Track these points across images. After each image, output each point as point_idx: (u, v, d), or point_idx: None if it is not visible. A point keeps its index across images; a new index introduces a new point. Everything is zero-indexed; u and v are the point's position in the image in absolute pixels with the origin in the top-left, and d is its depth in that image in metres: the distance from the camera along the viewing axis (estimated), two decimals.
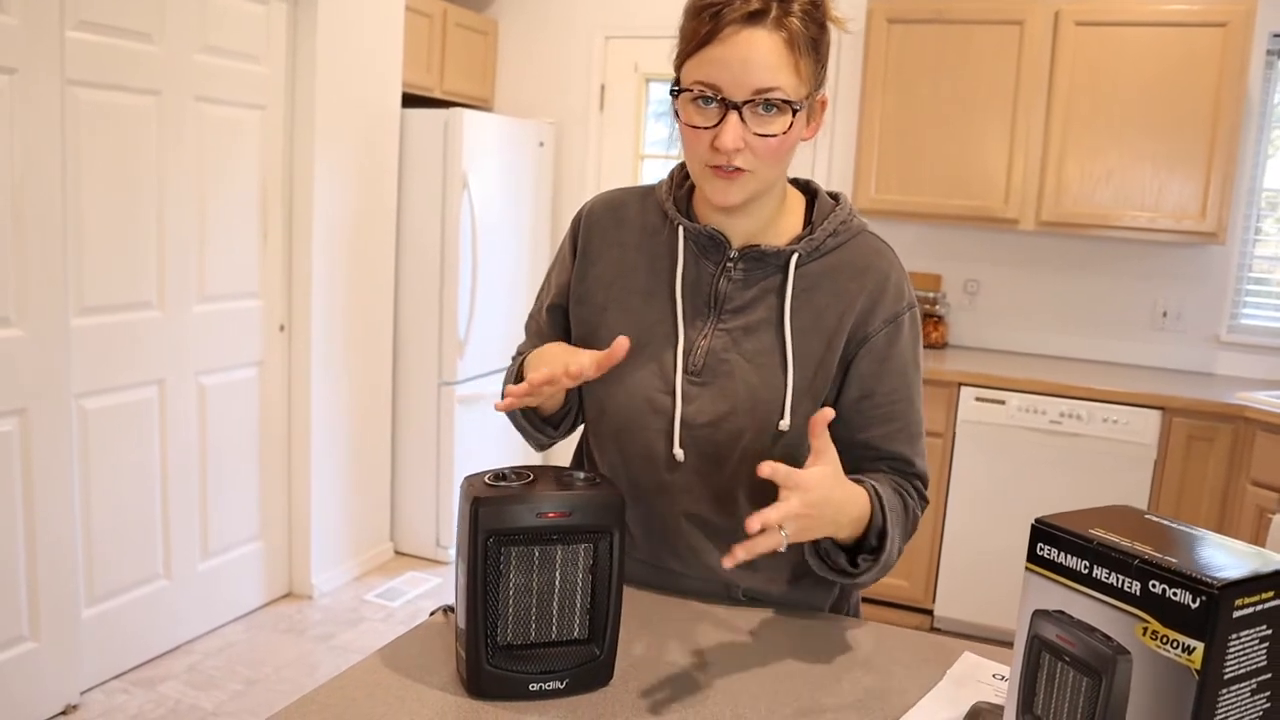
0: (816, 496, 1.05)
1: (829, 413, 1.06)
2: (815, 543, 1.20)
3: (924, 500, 1.30)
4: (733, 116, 1.12)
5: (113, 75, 2.79)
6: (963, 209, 3.79)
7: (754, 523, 0.99)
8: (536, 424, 1.33)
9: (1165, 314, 3.91)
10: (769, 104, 1.12)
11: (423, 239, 3.99)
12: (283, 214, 3.47)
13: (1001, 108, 3.70)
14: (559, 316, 1.37)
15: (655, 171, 4.66)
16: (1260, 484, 3.16)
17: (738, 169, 1.15)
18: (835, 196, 1.31)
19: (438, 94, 4.27)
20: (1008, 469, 3.53)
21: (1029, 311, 4.11)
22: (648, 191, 1.36)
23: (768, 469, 1.01)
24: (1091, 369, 3.81)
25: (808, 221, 1.29)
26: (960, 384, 3.56)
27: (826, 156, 4.27)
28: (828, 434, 1.07)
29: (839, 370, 1.24)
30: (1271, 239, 3.83)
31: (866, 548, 1.19)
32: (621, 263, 1.31)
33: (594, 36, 4.58)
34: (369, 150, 3.75)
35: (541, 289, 1.42)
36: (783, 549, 1.03)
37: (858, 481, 1.18)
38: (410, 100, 4.12)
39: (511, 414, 1.33)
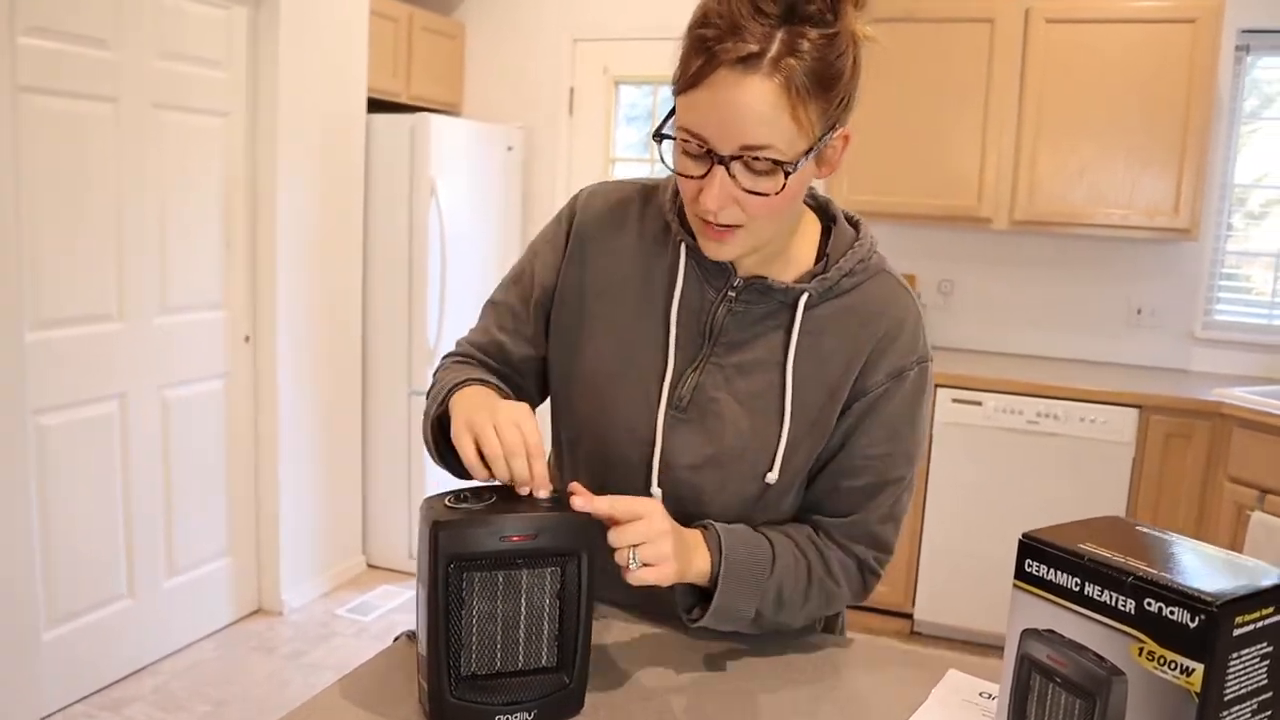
0: (654, 510, 1.03)
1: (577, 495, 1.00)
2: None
3: (870, 572, 1.20)
4: (718, 172, 1.00)
5: (67, 82, 2.71)
6: (937, 208, 3.77)
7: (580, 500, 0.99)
8: (445, 456, 1.17)
9: (1140, 311, 3.90)
10: (756, 160, 0.99)
11: (391, 246, 3.92)
12: (246, 222, 3.40)
13: (974, 106, 3.68)
14: (544, 318, 1.25)
15: (626, 175, 4.61)
16: (1238, 480, 3.15)
17: (728, 226, 1.04)
18: (854, 223, 1.19)
19: (404, 99, 4.21)
20: (986, 470, 3.51)
21: (1004, 311, 4.09)
22: (651, 192, 1.23)
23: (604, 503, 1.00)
24: (1068, 367, 3.80)
25: (822, 252, 1.17)
26: (936, 385, 3.53)
27: None
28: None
29: (836, 423, 1.15)
30: (1241, 234, 3.84)
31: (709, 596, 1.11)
32: (614, 271, 1.20)
33: (562, 39, 4.53)
34: (334, 156, 3.68)
35: (520, 271, 1.27)
36: (634, 566, 1.00)
37: (703, 528, 1.11)
38: (376, 105, 4.05)
39: (425, 433, 1.19)
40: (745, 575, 1.09)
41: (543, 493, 1.00)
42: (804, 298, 1.13)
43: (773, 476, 1.14)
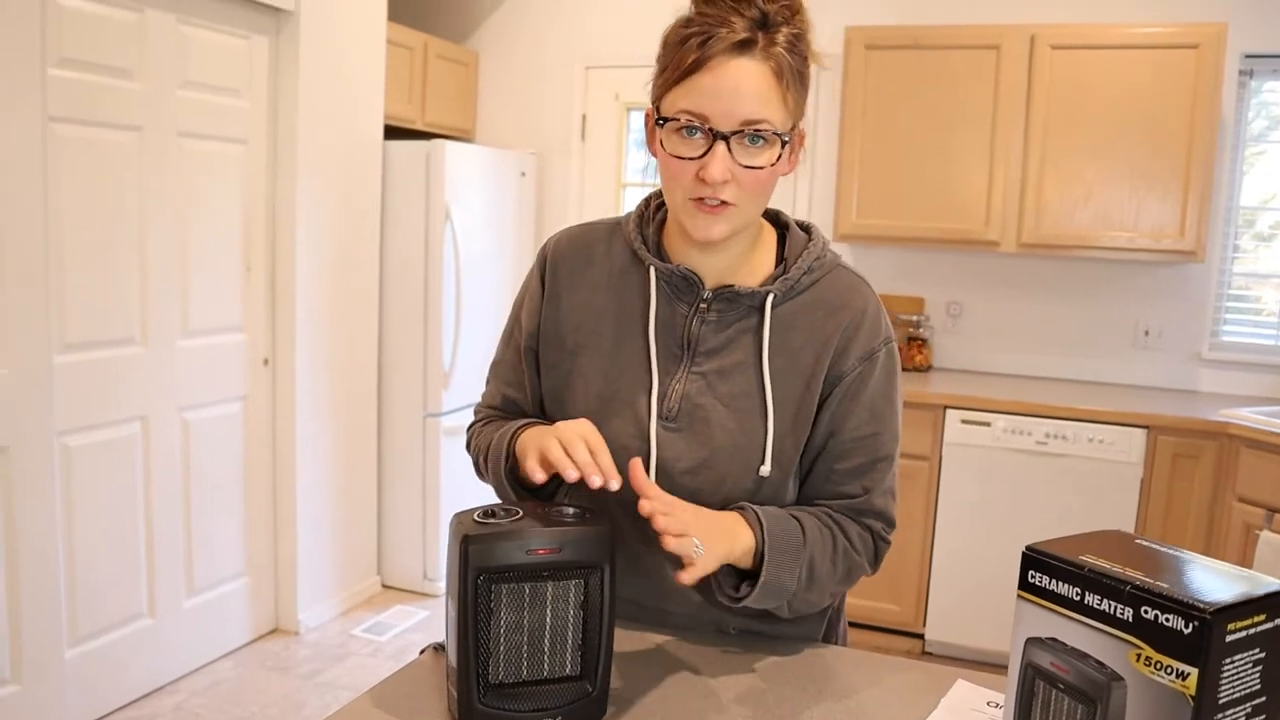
0: (688, 508, 1.10)
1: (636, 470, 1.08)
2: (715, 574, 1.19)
3: (881, 540, 1.27)
4: (720, 147, 1.10)
5: (94, 111, 2.78)
6: (944, 232, 3.82)
7: (647, 507, 1.05)
8: (523, 495, 1.25)
9: (1147, 332, 3.93)
10: (756, 135, 1.11)
11: (406, 270, 3.98)
12: (266, 247, 3.46)
13: (980, 131, 3.74)
14: (534, 360, 1.33)
15: (638, 200, 4.66)
16: (1246, 500, 3.17)
17: (723, 203, 1.13)
18: (807, 229, 1.29)
19: (419, 126, 4.28)
20: (995, 491, 3.54)
21: (1012, 333, 4.13)
22: (614, 227, 1.33)
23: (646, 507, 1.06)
24: (1075, 389, 3.83)
25: (780, 257, 1.27)
26: (945, 407, 3.56)
27: (808, 183, 4.30)
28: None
29: (816, 410, 1.23)
30: (1250, 256, 3.87)
31: (753, 575, 1.17)
32: (590, 304, 1.28)
33: (574, 67, 4.60)
34: (351, 183, 3.75)
35: (510, 327, 1.37)
36: (698, 553, 1.06)
37: (740, 509, 1.18)
38: (392, 132, 4.12)
39: (500, 485, 1.27)
40: (786, 547, 1.16)
41: (614, 485, 1.07)
42: (770, 298, 1.22)
43: (766, 469, 1.21)
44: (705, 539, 1.08)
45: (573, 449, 1.08)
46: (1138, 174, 3.58)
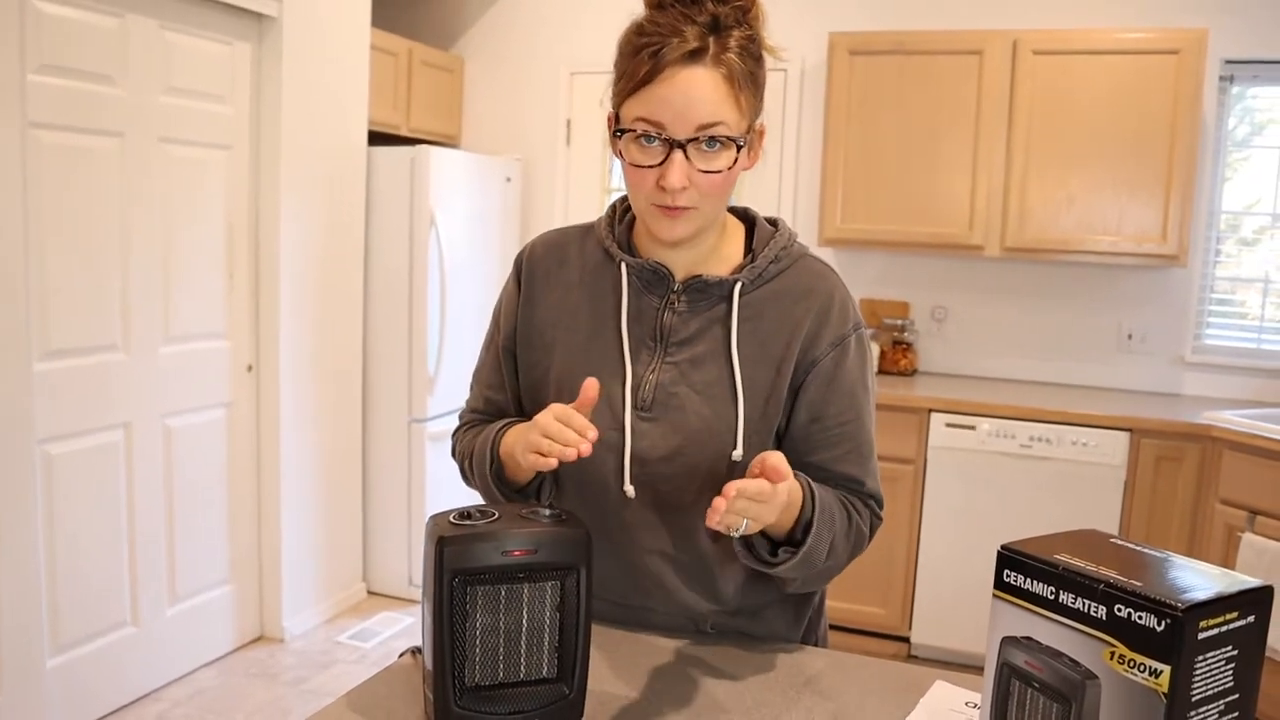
0: (781, 485, 1.07)
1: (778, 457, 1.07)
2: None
3: (877, 518, 1.30)
4: (677, 155, 1.13)
5: (76, 118, 2.77)
6: (928, 237, 3.83)
7: (729, 489, 1.02)
8: (510, 496, 1.29)
9: (1130, 336, 3.95)
10: (713, 140, 1.13)
11: (391, 276, 3.97)
12: (249, 253, 3.45)
13: (963, 136, 3.75)
14: (513, 362, 1.36)
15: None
16: (1229, 502, 3.19)
17: (683, 206, 1.16)
18: (774, 222, 1.31)
19: (404, 131, 4.28)
20: (980, 494, 3.55)
21: (997, 337, 4.14)
22: (588, 230, 1.36)
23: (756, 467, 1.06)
24: (1060, 392, 3.84)
25: (748, 249, 1.29)
26: (931, 410, 3.57)
27: (793, 187, 4.31)
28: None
29: (789, 395, 1.24)
30: (1232, 260, 3.90)
31: (792, 540, 1.18)
32: (565, 302, 1.31)
33: (559, 72, 4.61)
34: (336, 188, 3.74)
35: (490, 333, 1.40)
36: (737, 534, 1.07)
37: (795, 476, 1.18)
38: (377, 138, 4.12)
39: (486, 488, 1.30)
40: (824, 519, 1.19)
41: (592, 434, 1.08)
42: (738, 286, 1.24)
43: (738, 453, 1.22)
44: (760, 518, 1.07)
45: (560, 436, 1.09)
46: (1120, 179, 3.59)
